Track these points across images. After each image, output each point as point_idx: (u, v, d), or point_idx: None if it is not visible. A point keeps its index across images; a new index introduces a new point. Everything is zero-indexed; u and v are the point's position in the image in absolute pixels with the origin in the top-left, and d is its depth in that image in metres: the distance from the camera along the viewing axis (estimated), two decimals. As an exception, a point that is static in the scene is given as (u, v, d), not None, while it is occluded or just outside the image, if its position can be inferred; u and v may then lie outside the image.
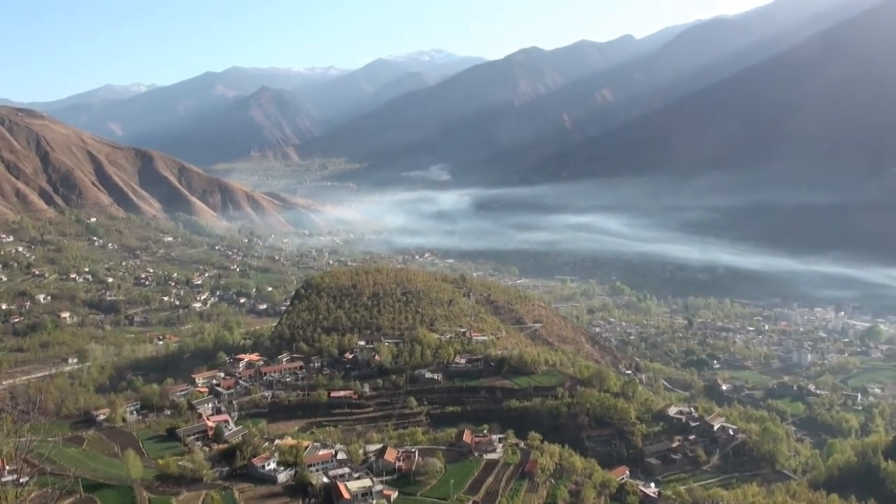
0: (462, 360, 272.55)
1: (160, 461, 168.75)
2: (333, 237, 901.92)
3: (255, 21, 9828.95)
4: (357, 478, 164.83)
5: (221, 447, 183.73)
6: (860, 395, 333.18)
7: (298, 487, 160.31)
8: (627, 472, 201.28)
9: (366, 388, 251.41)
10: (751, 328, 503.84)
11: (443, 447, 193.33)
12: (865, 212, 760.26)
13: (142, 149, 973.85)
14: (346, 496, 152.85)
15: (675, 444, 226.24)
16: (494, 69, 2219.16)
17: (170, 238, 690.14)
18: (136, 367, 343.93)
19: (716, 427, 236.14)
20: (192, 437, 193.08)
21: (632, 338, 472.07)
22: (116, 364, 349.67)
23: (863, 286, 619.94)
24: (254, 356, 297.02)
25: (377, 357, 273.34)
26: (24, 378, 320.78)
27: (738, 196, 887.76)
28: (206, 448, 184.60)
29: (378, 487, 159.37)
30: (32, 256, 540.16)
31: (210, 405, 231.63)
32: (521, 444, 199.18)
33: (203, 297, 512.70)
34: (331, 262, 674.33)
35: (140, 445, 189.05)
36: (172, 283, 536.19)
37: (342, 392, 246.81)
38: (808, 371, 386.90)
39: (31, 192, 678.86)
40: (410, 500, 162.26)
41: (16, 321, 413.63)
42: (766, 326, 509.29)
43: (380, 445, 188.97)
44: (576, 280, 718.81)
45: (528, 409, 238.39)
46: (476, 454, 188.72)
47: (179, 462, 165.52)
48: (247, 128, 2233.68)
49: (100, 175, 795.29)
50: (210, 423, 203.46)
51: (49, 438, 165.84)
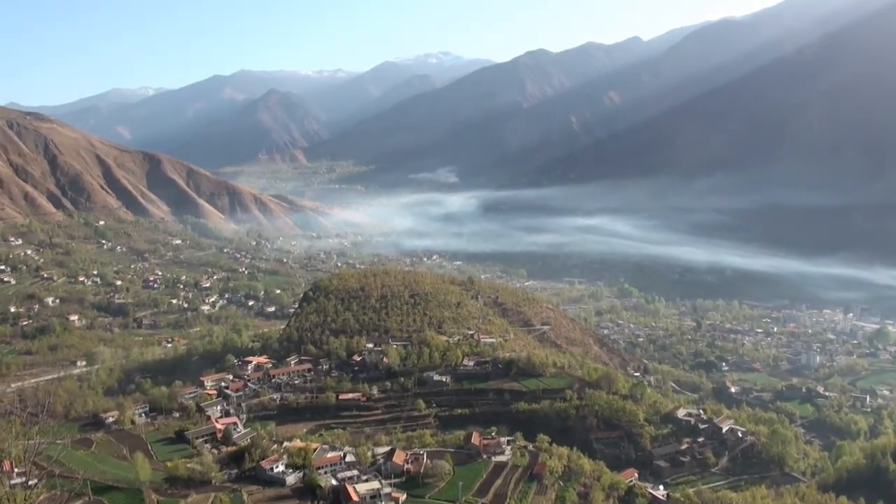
0: (470, 363, 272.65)
1: (169, 463, 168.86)
2: (341, 239, 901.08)
3: (263, 24, 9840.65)
4: (365, 480, 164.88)
5: (230, 450, 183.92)
6: (869, 397, 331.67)
7: (307, 490, 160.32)
8: (636, 475, 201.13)
9: (374, 391, 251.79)
10: (759, 330, 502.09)
11: (451, 449, 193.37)
12: (872, 213, 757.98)
13: (150, 152, 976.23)
14: (355, 498, 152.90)
15: (684, 447, 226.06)
16: (502, 71, 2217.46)
17: (178, 241, 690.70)
18: (145, 370, 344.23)
19: (724, 429, 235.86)
20: (201, 440, 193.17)
21: (640, 340, 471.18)
22: (125, 367, 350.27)
23: (871, 288, 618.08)
24: (262, 359, 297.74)
25: (385, 359, 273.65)
26: (33, 381, 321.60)
27: (746, 197, 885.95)
28: (215, 450, 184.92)
29: (386, 490, 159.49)
30: (41, 259, 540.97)
31: (219, 407, 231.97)
32: (530, 447, 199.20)
33: (211, 300, 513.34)
34: (339, 265, 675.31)
35: (149, 448, 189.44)
36: (181, 286, 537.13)
37: (350, 394, 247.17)
38: (817, 373, 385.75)
39: (40, 196, 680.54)
40: (419, 503, 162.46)
41: (24, 324, 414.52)
42: (775, 328, 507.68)
43: (388, 448, 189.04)
44: (584, 282, 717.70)
45: (537, 412, 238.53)
46: (484, 456, 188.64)
47: (188, 464, 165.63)
48: (255, 131, 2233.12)
49: (108, 178, 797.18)
50: (219, 426, 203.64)
51: (58, 441, 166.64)
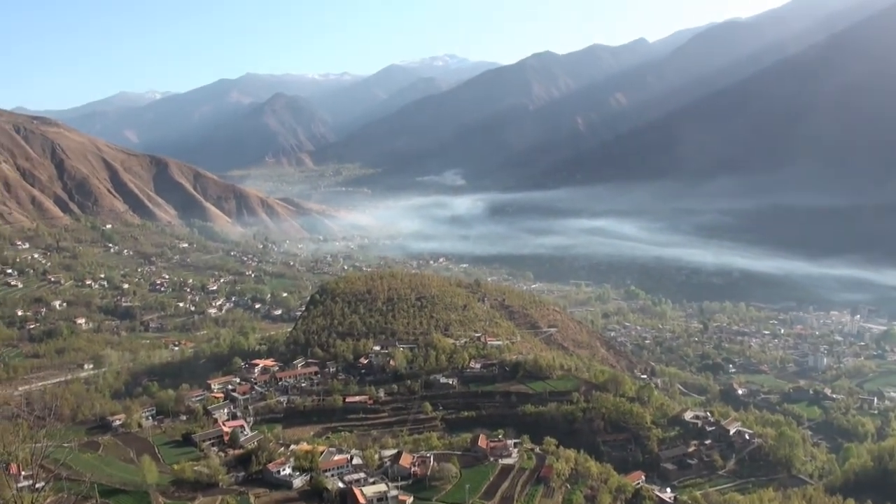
0: (477, 365, 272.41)
1: (176, 466, 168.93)
2: (348, 242, 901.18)
3: (270, 28, 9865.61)
4: (372, 483, 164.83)
5: (237, 452, 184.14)
6: (876, 399, 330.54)
7: (314, 493, 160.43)
8: (643, 478, 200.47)
9: (381, 394, 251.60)
10: (766, 332, 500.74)
11: (458, 452, 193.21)
12: (880, 214, 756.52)
13: (157, 156, 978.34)
14: (362, 501, 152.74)
15: (691, 449, 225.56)
16: (508, 74, 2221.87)
17: (185, 244, 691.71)
18: (152, 373, 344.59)
19: (732, 432, 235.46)
20: (208, 443, 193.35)
21: (647, 342, 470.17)
22: (132, 370, 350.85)
23: (878, 289, 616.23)
24: (269, 362, 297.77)
25: (392, 362, 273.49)
26: (40, 384, 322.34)
27: (752, 199, 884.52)
28: (222, 453, 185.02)
29: (393, 493, 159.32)
30: (48, 263, 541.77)
31: (225, 410, 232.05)
32: (537, 449, 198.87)
33: (218, 303, 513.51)
34: (345, 268, 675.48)
35: (156, 451, 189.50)
36: (188, 289, 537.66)
37: (357, 397, 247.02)
38: (824, 375, 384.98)
39: (47, 200, 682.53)
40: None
41: (32, 327, 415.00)
42: (782, 330, 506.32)
43: (395, 450, 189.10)
44: (591, 284, 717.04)
45: (544, 414, 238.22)
46: (491, 459, 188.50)
47: (195, 467, 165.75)
48: (261, 134, 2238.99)
49: (115, 182, 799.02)
50: (225, 429, 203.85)
51: (65, 444, 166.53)
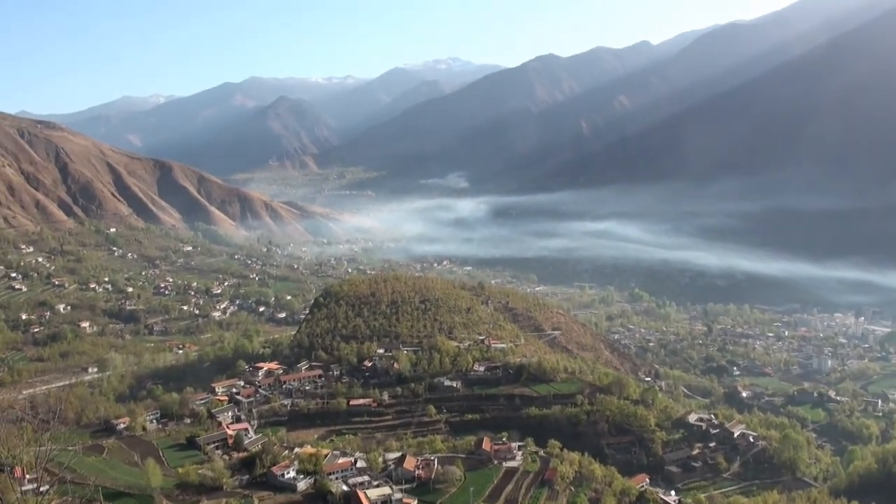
0: (481, 368, 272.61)
1: (180, 470, 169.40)
2: (352, 245, 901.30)
3: (273, 32, 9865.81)
4: (377, 486, 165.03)
5: (241, 455, 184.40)
6: (880, 402, 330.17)
7: (318, 495, 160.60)
8: (647, 480, 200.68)
9: (385, 396, 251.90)
10: (770, 334, 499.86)
11: (462, 455, 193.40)
12: (884, 216, 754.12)
13: (160, 159, 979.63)
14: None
15: (696, 452, 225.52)
16: (511, 76, 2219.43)
17: (189, 247, 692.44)
18: (156, 376, 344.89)
19: (736, 434, 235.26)
20: (212, 446, 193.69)
21: (651, 345, 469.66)
22: (136, 373, 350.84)
23: (882, 291, 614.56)
24: (273, 365, 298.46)
25: (396, 365, 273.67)
26: (45, 387, 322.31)
27: (757, 201, 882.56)
28: (226, 456, 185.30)
29: (398, 495, 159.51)
30: (52, 267, 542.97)
31: (230, 413, 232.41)
32: (541, 452, 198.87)
33: (222, 306, 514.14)
34: (349, 271, 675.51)
35: (160, 454, 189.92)
36: (192, 293, 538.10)
37: (361, 400, 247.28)
38: (828, 377, 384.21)
39: (51, 203, 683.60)
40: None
41: (36, 331, 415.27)
42: (786, 332, 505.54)
43: (399, 453, 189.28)
44: (594, 287, 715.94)
45: (548, 417, 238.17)
46: (495, 462, 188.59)
47: (199, 470, 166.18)
48: (265, 137, 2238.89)
49: (119, 186, 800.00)
50: (230, 432, 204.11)
51: (69, 447, 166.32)
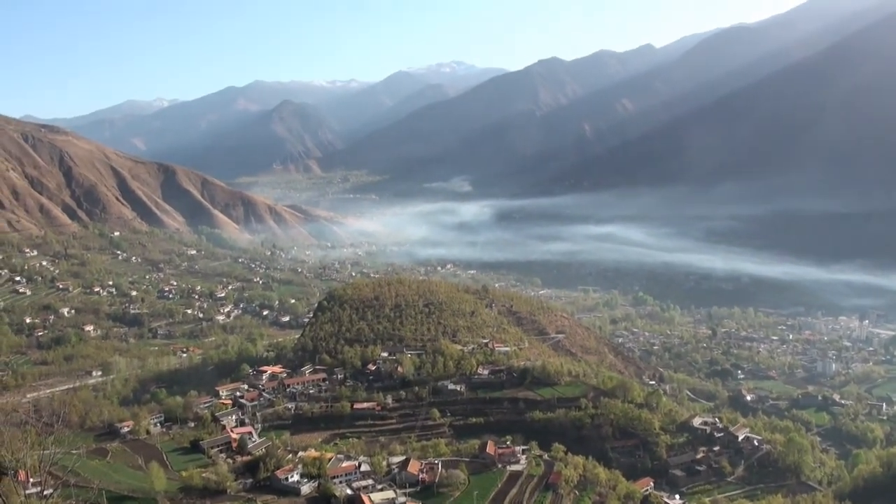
0: (485, 372, 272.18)
1: (184, 473, 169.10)
2: (356, 249, 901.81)
3: (277, 36, 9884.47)
4: (380, 489, 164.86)
5: (245, 459, 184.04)
6: (885, 405, 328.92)
7: (322, 499, 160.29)
8: (652, 484, 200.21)
9: (389, 400, 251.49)
10: (775, 338, 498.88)
11: (466, 459, 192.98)
12: (889, 219, 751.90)
13: (164, 163, 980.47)
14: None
15: (700, 456, 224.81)
16: (515, 80, 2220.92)
17: (193, 251, 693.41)
18: (160, 380, 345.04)
19: (740, 438, 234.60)
20: (216, 450, 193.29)
21: (655, 348, 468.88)
22: (140, 377, 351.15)
23: (887, 294, 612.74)
24: (277, 368, 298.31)
25: (400, 368, 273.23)
26: (49, 391, 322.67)
27: (761, 204, 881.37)
28: (230, 460, 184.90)
29: (401, 499, 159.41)
30: (56, 270, 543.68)
31: (234, 417, 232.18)
32: (545, 456, 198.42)
33: (226, 310, 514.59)
34: (353, 274, 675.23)
35: (164, 457, 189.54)
36: (196, 296, 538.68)
37: (365, 404, 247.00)
38: (833, 381, 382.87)
39: (55, 207, 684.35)
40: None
41: (40, 334, 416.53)
42: (791, 336, 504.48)
43: (403, 457, 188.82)
44: (598, 290, 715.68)
45: (552, 421, 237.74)
46: (499, 466, 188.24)
47: (203, 474, 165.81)
48: (269, 141, 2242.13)
49: (123, 189, 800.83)
50: (234, 435, 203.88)
51: (73, 451, 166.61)
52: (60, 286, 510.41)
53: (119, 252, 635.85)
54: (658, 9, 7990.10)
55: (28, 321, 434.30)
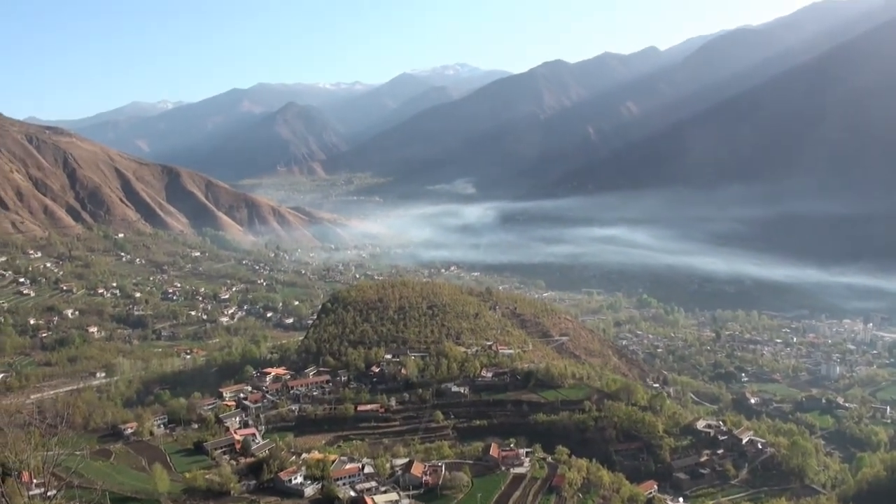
0: (488, 374, 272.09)
1: (187, 475, 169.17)
2: (359, 251, 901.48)
3: (281, 38, 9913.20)
4: (384, 492, 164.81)
5: (248, 461, 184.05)
6: (889, 408, 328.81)
7: (325, 501, 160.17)
8: (655, 487, 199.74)
9: (392, 402, 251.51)
10: (779, 340, 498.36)
11: (469, 461, 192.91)
12: (892, 221, 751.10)
13: (169, 165, 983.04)
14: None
15: (704, 459, 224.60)
16: (519, 83, 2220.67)
17: (197, 253, 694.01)
18: (164, 381, 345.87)
19: (744, 441, 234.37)
20: (220, 451, 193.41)
21: (659, 351, 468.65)
22: (144, 378, 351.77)
23: (891, 297, 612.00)
24: (281, 370, 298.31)
25: (403, 371, 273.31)
26: (52, 392, 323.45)
27: (765, 207, 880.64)
28: (234, 462, 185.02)
29: (405, 501, 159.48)
30: (60, 272, 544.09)
31: (237, 419, 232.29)
32: (549, 458, 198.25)
33: (230, 312, 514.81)
34: (357, 276, 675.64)
35: (167, 459, 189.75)
36: (200, 298, 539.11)
37: (369, 406, 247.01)
38: (837, 384, 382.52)
39: (59, 209, 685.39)
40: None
41: (44, 336, 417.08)
42: (795, 339, 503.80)
43: (406, 459, 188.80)
44: (602, 293, 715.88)
45: (556, 423, 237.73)
46: (503, 468, 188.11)
47: (207, 476, 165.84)
48: (273, 143, 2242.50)
49: (127, 191, 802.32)
50: (237, 437, 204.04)
51: (76, 452, 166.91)
52: (64, 287, 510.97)
53: (123, 254, 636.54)
54: (662, 11, 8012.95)
55: (32, 322, 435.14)
